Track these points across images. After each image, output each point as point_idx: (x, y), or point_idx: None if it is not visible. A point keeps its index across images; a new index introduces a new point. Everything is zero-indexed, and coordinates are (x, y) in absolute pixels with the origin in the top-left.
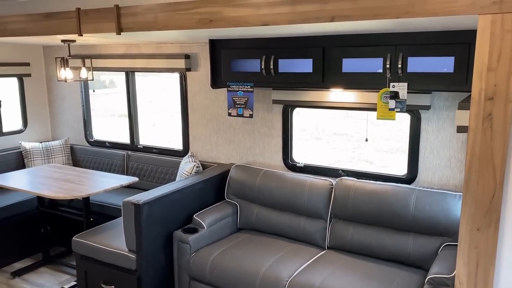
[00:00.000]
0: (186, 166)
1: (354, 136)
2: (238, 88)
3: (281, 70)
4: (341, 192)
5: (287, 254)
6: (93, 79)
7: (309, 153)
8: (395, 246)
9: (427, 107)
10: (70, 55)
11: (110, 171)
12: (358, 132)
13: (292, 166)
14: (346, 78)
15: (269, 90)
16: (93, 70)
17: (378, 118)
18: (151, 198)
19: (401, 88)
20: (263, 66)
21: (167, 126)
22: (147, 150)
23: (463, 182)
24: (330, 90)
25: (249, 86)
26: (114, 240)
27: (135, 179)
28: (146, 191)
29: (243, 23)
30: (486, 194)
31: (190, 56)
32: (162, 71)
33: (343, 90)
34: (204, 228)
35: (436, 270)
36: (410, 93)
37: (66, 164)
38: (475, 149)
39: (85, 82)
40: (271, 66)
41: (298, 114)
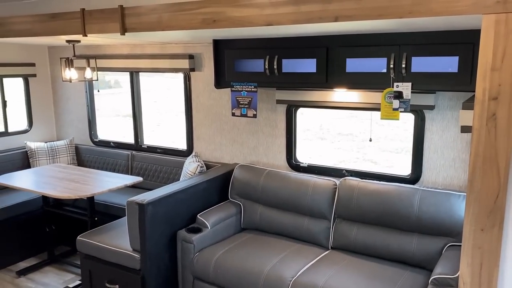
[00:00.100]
0: (190, 166)
1: (359, 136)
2: (242, 88)
3: (284, 70)
4: (345, 192)
5: (291, 254)
6: (97, 79)
7: (313, 153)
8: (399, 246)
9: (431, 107)
10: (75, 56)
11: (114, 171)
12: (363, 132)
13: (296, 166)
14: (350, 78)
15: (272, 90)
16: (97, 70)
17: (382, 118)
18: (155, 197)
19: (405, 88)
20: (267, 66)
21: (172, 126)
22: (152, 150)
23: (467, 182)
24: (334, 90)
25: (252, 86)
26: (119, 239)
27: (140, 179)
28: (150, 191)
29: (247, 23)
30: (490, 194)
31: (194, 56)
32: (166, 71)
33: (347, 90)
34: (207, 227)
35: (440, 271)
36: (414, 93)
37: (70, 164)
38: (479, 149)
39: (90, 82)
40: (275, 66)
41: (302, 114)
